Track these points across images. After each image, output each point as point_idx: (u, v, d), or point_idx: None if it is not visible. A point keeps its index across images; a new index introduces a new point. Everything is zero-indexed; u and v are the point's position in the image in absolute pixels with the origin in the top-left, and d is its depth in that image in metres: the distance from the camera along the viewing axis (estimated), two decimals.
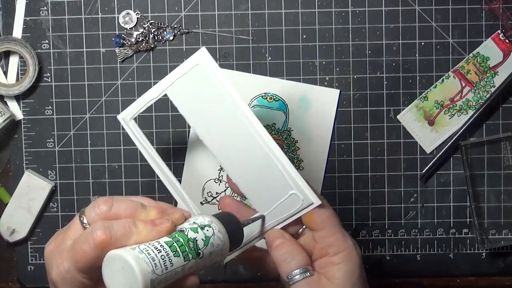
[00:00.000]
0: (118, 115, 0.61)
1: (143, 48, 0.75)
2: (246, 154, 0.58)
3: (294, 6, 0.75)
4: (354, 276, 0.56)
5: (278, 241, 0.58)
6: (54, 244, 0.52)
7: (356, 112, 0.76)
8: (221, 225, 0.52)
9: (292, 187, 0.57)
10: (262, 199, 0.58)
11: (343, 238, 0.57)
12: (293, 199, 0.57)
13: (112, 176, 0.77)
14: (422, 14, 0.75)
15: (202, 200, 0.76)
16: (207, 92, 0.58)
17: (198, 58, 0.57)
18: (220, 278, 0.78)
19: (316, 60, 0.75)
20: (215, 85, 0.57)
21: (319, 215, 0.57)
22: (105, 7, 0.75)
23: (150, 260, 0.46)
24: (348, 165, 0.76)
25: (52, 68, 0.76)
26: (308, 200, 0.57)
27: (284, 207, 0.58)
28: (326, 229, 0.57)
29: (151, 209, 0.51)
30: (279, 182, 0.57)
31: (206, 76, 0.57)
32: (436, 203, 0.77)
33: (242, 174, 0.58)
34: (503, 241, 0.77)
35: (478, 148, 0.76)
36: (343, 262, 0.56)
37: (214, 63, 0.57)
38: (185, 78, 0.58)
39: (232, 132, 0.58)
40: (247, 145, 0.57)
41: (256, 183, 0.58)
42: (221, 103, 0.57)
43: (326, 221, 0.57)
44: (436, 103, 0.76)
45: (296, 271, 0.56)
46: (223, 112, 0.57)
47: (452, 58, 0.75)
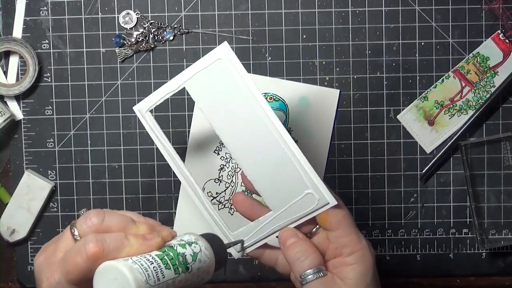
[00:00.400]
0: (134, 106, 0.60)
1: (143, 48, 0.75)
2: (263, 152, 0.58)
3: (294, 6, 0.75)
4: (367, 277, 0.56)
5: (291, 240, 0.58)
6: (45, 256, 0.52)
7: (356, 112, 0.76)
8: (207, 243, 0.53)
9: (308, 186, 0.57)
10: (276, 197, 0.58)
11: (357, 239, 0.57)
12: (309, 198, 0.57)
13: (112, 176, 0.77)
14: (422, 14, 0.75)
15: None
16: (227, 88, 0.57)
17: (219, 53, 0.57)
18: (220, 278, 0.78)
19: (316, 60, 0.76)
20: (235, 81, 0.57)
21: (334, 215, 0.57)
22: (105, 7, 0.75)
23: (143, 270, 0.47)
24: (348, 165, 0.76)
25: (52, 68, 0.76)
26: (324, 200, 0.57)
27: (298, 206, 0.58)
28: (341, 229, 0.57)
29: (141, 224, 0.52)
30: (295, 180, 0.57)
31: (226, 71, 0.57)
32: (436, 203, 0.77)
33: (258, 172, 0.58)
34: (503, 241, 0.77)
35: (478, 148, 0.76)
36: (357, 263, 0.56)
37: (236, 58, 0.57)
38: (204, 72, 0.57)
39: (250, 129, 0.57)
40: (265, 142, 0.57)
41: (271, 181, 0.58)
42: (241, 99, 0.57)
43: (341, 221, 0.57)
44: (436, 103, 0.76)
45: (309, 270, 0.56)
46: (242, 108, 0.57)
47: (452, 58, 0.75)
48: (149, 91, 0.75)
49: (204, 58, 0.57)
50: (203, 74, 0.57)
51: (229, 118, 0.58)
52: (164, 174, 0.76)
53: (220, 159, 0.76)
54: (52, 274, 0.49)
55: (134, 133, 0.76)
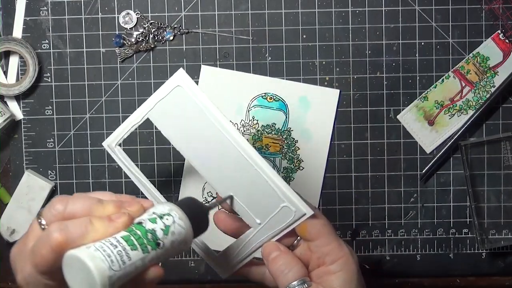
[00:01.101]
0: (103, 142, 0.61)
1: (143, 48, 0.75)
2: (233, 172, 0.58)
3: (294, 6, 0.75)
4: (352, 284, 0.56)
5: (274, 254, 0.58)
6: (18, 248, 0.51)
7: (356, 112, 0.76)
8: (181, 212, 0.51)
9: (283, 200, 0.57)
10: (254, 214, 0.58)
11: (338, 247, 0.57)
12: (285, 212, 0.57)
13: (112, 176, 0.77)
14: (422, 14, 0.75)
15: (202, 200, 0.76)
16: (189, 113, 0.57)
17: (176, 80, 0.57)
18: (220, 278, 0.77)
19: (316, 60, 0.76)
20: (196, 106, 0.57)
21: (312, 225, 0.57)
22: (105, 7, 0.75)
23: (106, 257, 0.45)
24: (348, 165, 0.76)
25: (52, 68, 0.76)
26: (300, 211, 0.57)
27: (277, 220, 0.58)
28: (321, 239, 0.57)
29: (108, 204, 0.50)
30: (269, 196, 0.57)
31: (186, 97, 0.57)
32: (436, 203, 0.77)
33: (232, 192, 0.58)
34: (503, 241, 0.77)
35: (478, 148, 0.76)
36: (341, 270, 0.56)
37: (193, 83, 0.57)
38: (165, 100, 0.58)
39: (217, 150, 0.57)
40: (234, 162, 0.57)
41: (246, 199, 0.58)
42: (204, 122, 0.57)
43: (320, 230, 0.57)
44: (436, 103, 0.76)
45: (294, 282, 0.56)
46: (206, 132, 0.57)
47: (452, 58, 0.75)
48: (149, 91, 0.76)
49: (162, 87, 0.58)
50: (164, 102, 0.58)
51: (195, 143, 0.58)
52: (164, 174, 0.76)
53: None
54: (24, 266, 0.49)
55: (134, 133, 0.76)
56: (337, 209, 0.77)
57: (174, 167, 0.76)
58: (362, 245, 0.77)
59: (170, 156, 0.76)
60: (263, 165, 0.57)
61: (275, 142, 0.76)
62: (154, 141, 0.76)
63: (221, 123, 0.57)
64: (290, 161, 0.76)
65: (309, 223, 0.57)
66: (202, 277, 0.77)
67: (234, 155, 0.57)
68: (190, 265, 0.77)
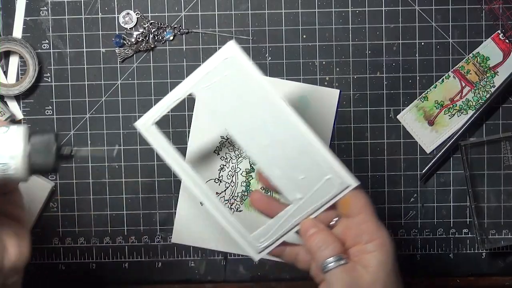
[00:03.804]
0: (136, 123, 0.60)
1: (143, 48, 0.75)
2: (278, 145, 0.58)
3: (294, 6, 0.75)
4: (388, 266, 0.56)
5: (312, 230, 0.58)
6: None
7: (356, 112, 0.76)
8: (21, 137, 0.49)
9: (328, 172, 0.57)
10: (296, 189, 0.58)
11: (377, 227, 0.57)
12: (329, 184, 0.58)
13: (112, 176, 0.77)
14: (422, 14, 0.75)
15: None
16: (236, 86, 0.57)
17: (226, 52, 0.57)
18: (220, 278, 0.78)
19: (316, 60, 0.76)
20: (244, 78, 0.57)
21: (356, 200, 0.58)
22: (105, 7, 0.75)
23: None
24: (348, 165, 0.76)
25: (52, 68, 0.76)
26: (344, 183, 0.57)
27: (319, 194, 0.58)
28: (362, 215, 0.57)
29: None
30: (314, 168, 0.58)
31: (234, 69, 0.57)
32: (436, 203, 0.77)
33: (274, 167, 0.58)
34: (503, 241, 0.77)
35: (478, 148, 0.76)
36: (377, 251, 0.56)
37: (243, 54, 0.57)
38: (212, 73, 0.58)
39: (263, 123, 0.58)
40: (280, 134, 0.58)
41: (289, 174, 0.58)
42: (252, 95, 0.57)
43: (363, 207, 0.58)
44: (436, 103, 0.76)
45: (331, 258, 0.56)
46: (254, 104, 0.57)
47: (452, 58, 0.75)
48: (149, 91, 0.76)
49: (210, 60, 0.57)
50: (210, 75, 0.58)
51: (241, 117, 0.58)
52: (164, 174, 0.76)
53: (220, 159, 0.76)
54: None
55: (134, 133, 0.76)
56: None
57: None
58: None
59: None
60: (310, 135, 0.57)
61: None
62: None
63: (270, 95, 0.57)
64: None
65: (353, 198, 0.58)
66: (202, 277, 0.77)
67: (280, 126, 0.57)
68: (190, 265, 0.77)
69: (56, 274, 0.77)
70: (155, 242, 0.77)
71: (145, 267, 0.77)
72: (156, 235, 0.77)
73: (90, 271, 0.77)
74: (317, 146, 0.57)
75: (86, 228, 0.77)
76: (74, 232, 0.77)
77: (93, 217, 0.77)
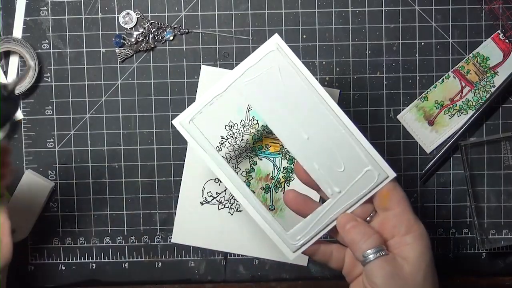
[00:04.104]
0: (174, 120, 0.60)
1: (143, 48, 0.75)
2: (319, 137, 0.58)
3: (294, 6, 0.75)
4: (427, 257, 0.57)
5: (350, 224, 0.59)
6: None
7: (356, 112, 0.76)
8: None
9: (367, 164, 0.58)
10: (335, 182, 0.59)
11: (415, 219, 0.58)
12: (368, 176, 0.58)
13: (112, 176, 0.77)
14: (422, 14, 0.75)
15: (202, 200, 0.76)
16: (279, 79, 0.58)
17: (271, 45, 0.58)
18: (220, 278, 0.78)
19: (316, 60, 0.76)
20: (287, 71, 0.58)
21: (395, 193, 0.58)
22: (105, 7, 0.75)
23: None
24: None
25: (52, 68, 0.76)
26: (383, 174, 0.58)
27: (358, 186, 0.59)
28: (401, 207, 0.58)
29: None
30: (354, 160, 0.58)
31: (277, 63, 0.58)
32: (436, 203, 0.77)
33: (314, 160, 0.59)
34: (503, 241, 0.77)
35: (478, 148, 0.76)
36: (415, 242, 0.57)
37: (287, 47, 0.58)
38: (254, 68, 0.59)
39: (304, 115, 0.58)
40: (321, 127, 0.58)
41: (328, 167, 0.59)
42: (294, 88, 0.58)
43: (401, 200, 0.58)
44: (436, 103, 0.76)
45: (370, 250, 0.57)
46: (296, 97, 0.58)
47: (452, 58, 0.75)
48: (149, 91, 0.76)
49: (254, 54, 0.58)
50: (252, 70, 0.59)
51: (282, 111, 0.59)
52: (164, 174, 0.76)
53: None
54: None
55: (134, 133, 0.76)
56: None
57: (174, 167, 0.76)
58: None
59: (170, 156, 0.76)
60: (352, 127, 0.58)
61: (275, 142, 0.76)
62: (154, 141, 0.76)
63: (313, 87, 0.58)
64: (290, 161, 0.76)
65: (392, 190, 0.58)
66: (202, 277, 0.77)
67: (322, 119, 0.58)
68: (190, 265, 0.77)
69: (56, 274, 0.77)
70: (155, 242, 0.77)
71: (145, 267, 0.77)
72: (156, 235, 0.77)
73: (90, 271, 0.77)
74: (358, 137, 0.58)
75: (86, 228, 0.77)
76: (74, 232, 0.77)
77: (93, 217, 0.77)
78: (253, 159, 0.76)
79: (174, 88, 0.76)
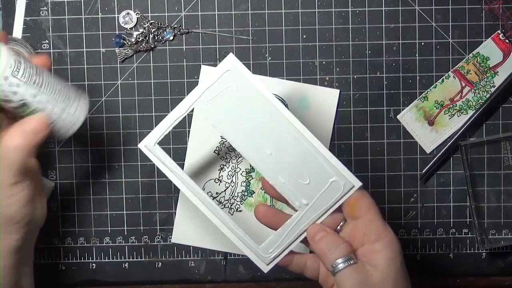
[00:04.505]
0: (140, 144, 0.62)
1: (143, 48, 0.75)
2: (282, 152, 0.59)
3: (294, 6, 0.75)
4: (397, 263, 0.57)
5: (320, 234, 0.59)
6: None
7: (356, 112, 0.76)
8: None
9: (332, 175, 0.59)
10: (301, 195, 0.59)
11: (384, 226, 0.59)
12: (334, 186, 0.59)
13: (112, 176, 0.77)
14: (422, 14, 0.75)
15: None
16: (237, 98, 0.59)
17: (227, 65, 0.59)
18: (220, 278, 0.78)
19: (316, 60, 0.76)
20: (244, 89, 0.59)
21: (363, 201, 0.59)
22: (105, 7, 0.75)
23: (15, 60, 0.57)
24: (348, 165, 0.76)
25: (52, 68, 0.76)
26: (348, 184, 0.59)
27: (325, 197, 0.59)
28: (369, 215, 0.59)
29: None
30: (318, 172, 0.59)
31: (234, 81, 0.59)
32: (436, 203, 0.77)
33: (279, 174, 0.59)
34: (503, 241, 0.77)
35: (478, 148, 0.76)
36: (385, 249, 0.57)
37: (243, 66, 0.59)
38: (213, 88, 0.59)
39: (266, 131, 0.59)
40: (282, 141, 0.59)
41: (294, 180, 0.59)
42: (253, 105, 0.59)
43: (369, 207, 0.59)
44: (436, 103, 0.76)
45: (340, 259, 0.57)
46: (255, 114, 0.59)
47: (452, 58, 0.75)
48: (149, 91, 0.76)
49: (211, 74, 0.59)
50: (212, 90, 0.59)
51: (244, 128, 0.59)
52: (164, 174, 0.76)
53: (220, 159, 0.76)
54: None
55: (134, 133, 0.76)
56: None
57: None
58: None
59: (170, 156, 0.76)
60: (313, 140, 0.59)
61: None
62: None
63: (270, 103, 0.58)
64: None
65: (360, 199, 0.59)
66: (202, 277, 0.77)
67: (283, 134, 0.59)
68: (190, 265, 0.77)
69: (56, 274, 0.77)
70: (155, 242, 0.77)
71: (145, 267, 0.77)
72: (156, 235, 0.77)
73: (90, 271, 0.77)
74: (321, 150, 0.59)
75: (86, 228, 0.77)
76: (74, 232, 0.77)
77: (93, 217, 0.77)
78: None
79: (174, 88, 0.76)
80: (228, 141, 0.60)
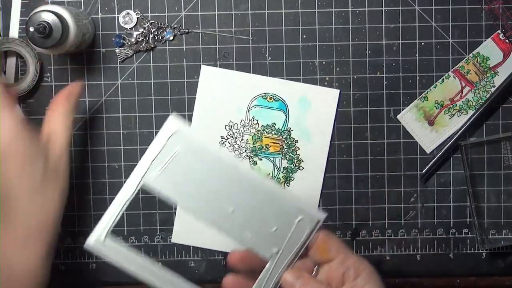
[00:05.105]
0: (86, 243, 0.57)
1: (143, 48, 0.75)
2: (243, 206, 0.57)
3: (294, 6, 0.75)
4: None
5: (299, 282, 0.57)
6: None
7: (356, 112, 0.76)
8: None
9: (298, 214, 0.57)
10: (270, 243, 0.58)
11: (359, 259, 0.58)
12: (301, 225, 0.57)
13: (112, 176, 0.77)
14: (422, 14, 0.75)
15: None
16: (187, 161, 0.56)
17: (169, 129, 0.56)
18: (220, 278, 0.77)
19: (316, 60, 0.76)
20: (192, 149, 0.56)
21: (331, 241, 0.58)
22: (105, 7, 0.75)
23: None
24: (348, 165, 0.76)
25: (52, 68, 0.76)
26: (314, 219, 0.57)
27: (294, 239, 0.57)
28: (342, 253, 0.57)
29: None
30: (283, 215, 0.57)
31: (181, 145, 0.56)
32: (436, 203, 0.77)
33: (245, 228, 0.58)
34: (503, 241, 0.77)
35: (478, 148, 0.76)
36: (368, 283, 0.56)
37: (185, 126, 0.56)
38: (160, 157, 0.57)
39: (223, 189, 0.57)
40: (242, 195, 0.57)
41: (261, 230, 0.58)
42: (204, 165, 0.56)
43: (339, 245, 0.58)
44: (436, 103, 0.76)
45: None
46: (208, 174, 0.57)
47: (452, 58, 0.75)
48: (149, 91, 0.75)
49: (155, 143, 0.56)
50: (159, 159, 0.57)
51: (201, 192, 0.57)
52: None
53: None
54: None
55: (134, 133, 0.76)
56: (337, 209, 0.76)
57: None
58: (362, 245, 0.77)
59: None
60: (270, 183, 0.57)
61: (275, 142, 0.76)
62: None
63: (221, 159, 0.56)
64: (290, 161, 0.76)
65: (327, 241, 0.58)
66: (202, 277, 0.77)
67: (241, 186, 0.57)
68: (190, 265, 0.77)
69: (56, 274, 0.77)
70: (155, 242, 0.77)
71: None
72: (156, 235, 0.77)
73: (90, 271, 0.77)
74: (280, 192, 0.57)
75: (86, 228, 0.77)
76: (74, 232, 0.77)
77: (93, 217, 0.77)
78: (253, 159, 0.76)
79: (174, 88, 0.76)
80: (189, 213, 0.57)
